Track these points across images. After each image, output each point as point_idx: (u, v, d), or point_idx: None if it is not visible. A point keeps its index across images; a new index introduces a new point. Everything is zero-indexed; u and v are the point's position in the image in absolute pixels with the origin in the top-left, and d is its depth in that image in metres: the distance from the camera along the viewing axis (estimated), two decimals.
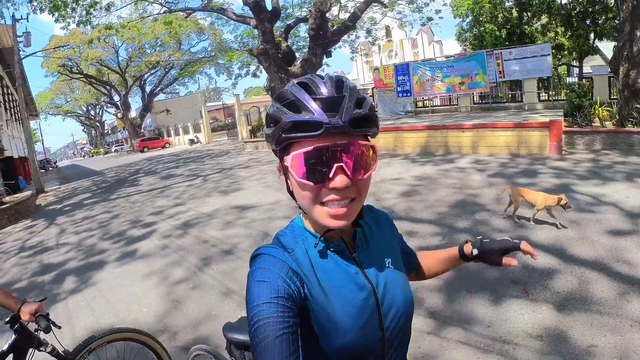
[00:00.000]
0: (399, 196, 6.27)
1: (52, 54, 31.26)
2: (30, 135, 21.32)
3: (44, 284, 5.66)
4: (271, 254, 0.87)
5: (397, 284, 0.97)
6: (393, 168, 8.48)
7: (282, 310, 0.78)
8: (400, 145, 10.64)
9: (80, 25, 18.12)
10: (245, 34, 25.39)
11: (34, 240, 8.81)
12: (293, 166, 0.80)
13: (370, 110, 0.84)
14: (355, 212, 0.86)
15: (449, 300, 3.13)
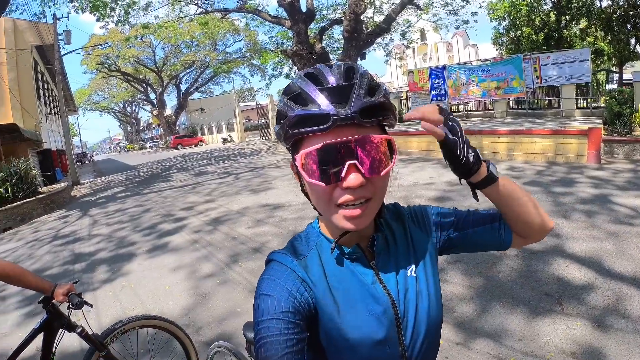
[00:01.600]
0: (430, 201, 6.20)
1: (92, 51, 32.36)
2: (68, 129, 22.16)
3: (74, 273, 5.89)
4: (281, 262, 0.84)
5: (423, 295, 0.88)
6: (426, 173, 8.38)
7: (288, 327, 0.75)
8: (434, 149, 10.49)
9: (119, 24, 18.74)
10: (279, 35, 25.62)
11: (67, 229, 9.16)
12: (303, 166, 0.75)
13: (384, 97, 0.76)
14: (373, 214, 0.79)
15: (480, 310, 3.06)
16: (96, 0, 15.85)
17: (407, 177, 8.19)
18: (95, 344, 2.22)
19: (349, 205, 0.74)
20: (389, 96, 0.79)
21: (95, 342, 2.21)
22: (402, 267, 0.89)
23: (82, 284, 5.17)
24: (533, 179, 6.94)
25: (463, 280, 3.55)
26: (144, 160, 29.89)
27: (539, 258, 3.80)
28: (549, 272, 3.50)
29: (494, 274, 3.56)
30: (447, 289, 3.43)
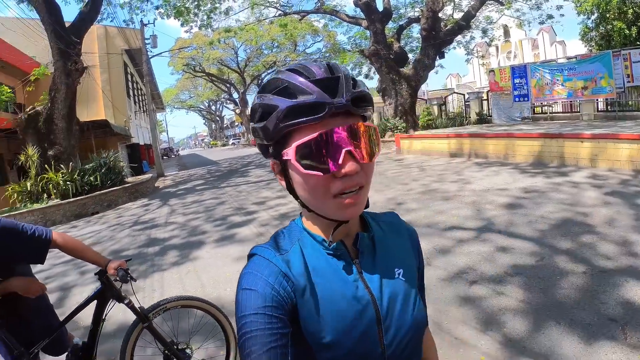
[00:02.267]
0: (501, 208, 5.79)
1: (177, 54, 34.46)
2: (154, 125, 23.81)
3: (147, 255, 6.37)
4: (263, 255, 0.83)
5: (407, 297, 0.87)
6: (500, 177, 7.88)
7: (271, 322, 0.75)
8: (512, 153, 9.85)
9: (202, 28, 19.79)
10: (357, 35, 25.63)
11: (147, 216, 9.88)
12: (296, 158, 0.74)
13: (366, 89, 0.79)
14: (364, 201, 0.80)
15: (533, 328, 2.77)
16: (180, 7, 16.91)
17: (480, 181, 7.76)
18: (139, 316, 2.46)
19: (346, 193, 0.75)
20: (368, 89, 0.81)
21: (140, 314, 2.46)
22: (388, 269, 0.88)
23: (153, 266, 5.69)
24: (616, 189, 6.21)
25: (520, 293, 3.25)
26: (225, 156, 31.34)
27: (608, 278, 3.36)
28: (618, 295, 3.08)
29: (555, 290, 3.21)
30: (501, 302, 3.17)
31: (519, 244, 4.32)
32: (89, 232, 9.30)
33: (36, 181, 12.24)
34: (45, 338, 2.32)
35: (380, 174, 10.38)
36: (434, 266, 4.10)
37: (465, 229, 5.10)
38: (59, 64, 12.55)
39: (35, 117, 12.87)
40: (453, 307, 3.24)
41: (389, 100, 17.87)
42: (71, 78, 12.73)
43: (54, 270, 6.10)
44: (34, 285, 2.27)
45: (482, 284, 3.53)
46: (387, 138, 16.86)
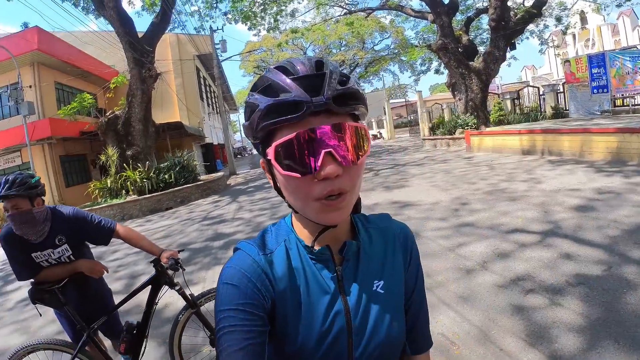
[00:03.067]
0: (571, 210, 5.30)
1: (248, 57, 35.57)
2: (227, 125, 24.81)
3: (212, 249, 6.69)
4: (248, 252, 0.82)
5: (383, 311, 0.84)
6: (573, 176, 7.23)
7: (249, 319, 0.74)
8: (588, 150, 8.99)
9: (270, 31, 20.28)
10: (424, 30, 24.96)
11: (216, 212, 10.34)
12: (276, 158, 0.71)
13: (355, 86, 0.74)
14: (350, 206, 0.76)
15: (587, 346, 2.48)
16: (247, 12, 17.49)
17: (551, 181, 7.19)
18: (189, 302, 2.63)
19: (327, 198, 0.72)
20: (360, 86, 0.77)
21: (189, 300, 2.63)
22: (369, 280, 0.86)
23: (216, 258, 6.02)
24: None
25: (579, 306, 2.93)
26: None
27: None
28: None
29: (619, 305, 2.84)
30: (556, 314, 2.89)
31: (585, 251, 3.92)
32: (162, 226, 9.92)
33: (116, 179, 13.29)
34: (104, 316, 2.59)
35: (447, 173, 10.02)
36: (490, 271, 3.86)
37: (528, 232, 4.75)
38: (134, 71, 13.51)
39: (114, 120, 13.96)
40: (504, 316, 3.01)
41: (458, 95, 17.16)
42: (146, 84, 13.66)
43: (126, 260, 6.59)
44: (98, 267, 2.59)
45: (538, 293, 3.25)
46: (457, 135, 16.21)
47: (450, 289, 3.64)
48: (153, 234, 9.16)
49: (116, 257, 7.06)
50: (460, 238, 4.97)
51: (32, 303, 2.51)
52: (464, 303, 3.33)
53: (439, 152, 15.77)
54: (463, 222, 5.60)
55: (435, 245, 4.86)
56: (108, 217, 11.60)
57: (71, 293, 2.58)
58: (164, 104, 20.36)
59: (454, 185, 8.31)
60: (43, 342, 2.56)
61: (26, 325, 4.57)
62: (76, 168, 19.09)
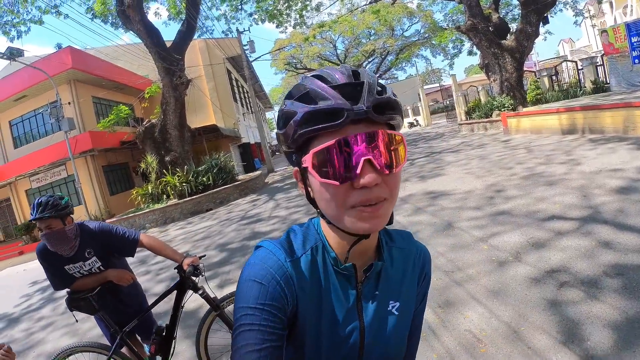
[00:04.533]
0: (612, 193, 5.00)
1: (278, 55, 35.74)
2: (261, 124, 25.12)
3: (248, 248, 6.85)
4: (274, 253, 0.81)
5: (394, 332, 0.87)
6: (616, 156, 6.82)
7: (271, 320, 0.73)
8: (632, 126, 8.40)
9: (296, 27, 20.34)
10: (452, 11, 24.26)
11: (253, 211, 10.55)
12: (313, 166, 0.71)
13: (393, 96, 0.75)
14: (388, 215, 0.75)
15: (623, 345, 2.34)
16: (272, 10, 17.65)
17: (591, 162, 6.82)
18: (212, 305, 2.75)
19: (365, 205, 0.71)
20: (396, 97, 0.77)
21: (212, 303, 2.74)
22: (385, 300, 0.87)
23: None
24: None
25: (616, 300, 2.77)
26: None
27: None
28: None
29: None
30: (591, 308, 2.75)
31: (626, 238, 3.69)
32: (202, 228, 10.22)
33: (156, 184, 13.79)
34: (135, 319, 2.77)
35: (483, 158, 9.74)
36: (524, 262, 3.73)
37: (566, 219, 4.53)
38: (166, 80, 13.92)
39: (151, 128, 14.46)
40: (535, 311, 2.90)
41: (493, 76, 16.58)
42: (178, 91, 14.05)
43: (166, 263, 6.86)
44: (125, 276, 2.77)
45: (573, 286, 3.10)
46: (494, 117, 15.68)
47: (481, 282, 3.55)
48: (193, 235, 9.46)
49: (157, 260, 7.36)
50: (494, 227, 4.82)
51: (69, 310, 2.73)
52: (494, 298, 3.24)
53: (476, 137, 15.34)
54: (498, 211, 5.43)
55: (468, 236, 4.75)
56: (152, 221, 12.09)
57: (104, 299, 2.77)
58: (198, 109, 20.85)
59: (489, 171, 8.06)
60: (81, 345, 2.77)
61: (75, 328, 4.89)
62: (119, 177, 19.98)
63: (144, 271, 6.92)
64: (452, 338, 2.84)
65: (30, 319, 6.08)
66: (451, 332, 2.92)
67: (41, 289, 7.88)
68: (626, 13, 32.66)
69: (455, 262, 4.11)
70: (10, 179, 18.35)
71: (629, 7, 32.87)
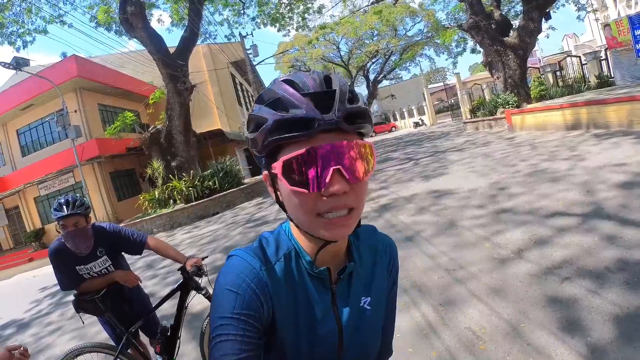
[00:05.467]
0: (615, 188, 4.97)
1: (282, 58, 35.87)
2: None
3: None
4: (249, 262, 0.80)
5: (369, 326, 0.90)
6: (620, 150, 6.76)
7: (247, 329, 0.73)
8: (636, 120, 8.30)
9: (299, 30, 20.38)
10: (454, 10, 24.21)
11: (259, 214, 10.59)
12: (283, 173, 0.71)
13: (364, 105, 0.75)
14: (355, 223, 0.76)
15: (624, 338, 2.34)
16: (274, 14, 17.73)
17: (595, 157, 6.78)
18: None
19: (333, 213, 0.72)
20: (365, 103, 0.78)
21: None
22: (358, 297, 0.89)
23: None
24: None
25: (620, 294, 2.76)
26: None
27: None
28: None
29: None
30: (593, 303, 2.75)
31: (629, 234, 3.67)
32: (208, 231, 10.28)
33: (163, 190, 13.88)
34: (140, 320, 2.84)
35: (487, 156, 9.72)
36: (525, 259, 3.73)
37: (569, 215, 4.52)
38: (170, 86, 14.03)
39: (156, 134, 14.57)
40: (536, 308, 2.90)
41: (496, 73, 16.52)
42: (182, 97, 14.14)
43: (174, 267, 6.89)
44: (131, 276, 2.84)
45: (575, 282, 3.10)
46: (499, 115, 15.63)
47: (483, 280, 3.56)
48: (200, 239, 9.52)
49: (164, 264, 7.41)
50: (497, 225, 4.83)
51: (76, 312, 2.80)
52: (495, 295, 3.25)
53: (481, 135, 15.29)
54: (501, 209, 5.43)
55: (471, 235, 4.76)
56: (159, 226, 12.17)
57: (110, 301, 2.83)
58: (203, 114, 20.96)
59: (493, 169, 8.05)
60: (88, 346, 2.82)
61: (83, 332, 4.94)
62: (126, 182, 20.15)
63: (151, 275, 6.98)
64: (452, 336, 2.85)
65: (39, 323, 6.17)
66: (451, 329, 2.93)
67: (50, 294, 7.97)
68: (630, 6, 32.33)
69: (457, 260, 4.12)
70: (19, 187, 18.60)
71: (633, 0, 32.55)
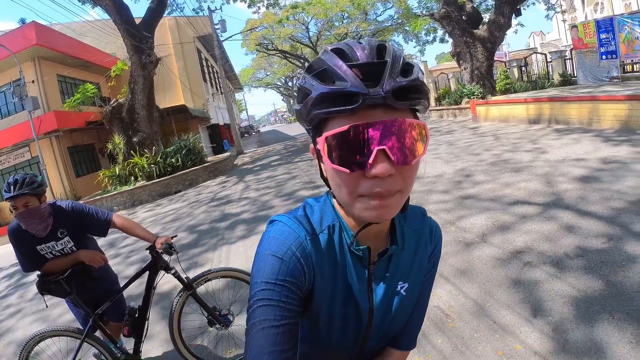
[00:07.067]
0: (575, 181, 5.21)
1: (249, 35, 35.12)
2: (231, 105, 24.71)
3: (219, 229, 6.84)
4: (294, 229, 0.78)
5: (400, 312, 0.90)
6: (580, 146, 7.08)
7: (290, 297, 0.72)
8: (596, 118, 8.72)
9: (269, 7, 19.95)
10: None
11: (223, 193, 10.48)
12: (325, 150, 0.68)
13: (419, 78, 0.68)
14: (399, 206, 0.72)
15: (583, 319, 2.50)
16: None
17: (556, 150, 7.07)
18: (185, 284, 2.76)
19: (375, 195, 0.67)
20: (423, 78, 0.71)
21: (185, 282, 2.75)
22: (395, 281, 0.87)
23: (222, 239, 6.18)
24: None
25: (577, 278, 2.94)
26: (302, 131, 31.95)
27: None
28: None
29: (619, 279, 2.81)
30: (553, 287, 2.90)
31: (586, 223, 3.88)
32: (171, 210, 10.07)
33: (124, 166, 13.44)
34: (108, 301, 2.73)
35: (451, 144, 9.95)
36: (489, 243, 3.88)
37: (530, 204, 4.72)
38: (134, 58, 13.47)
39: (118, 108, 14.02)
40: (501, 289, 3.04)
41: (464, 64, 16.85)
42: (147, 70, 13.62)
43: (137, 245, 6.77)
44: (97, 257, 2.71)
45: (536, 267, 3.26)
46: (463, 105, 16.00)
47: (449, 262, 3.68)
48: (162, 217, 9.32)
49: (127, 242, 7.23)
50: (462, 211, 4.98)
51: (40, 294, 2.64)
52: (462, 276, 3.37)
53: (445, 123, 15.63)
54: (465, 195, 5.60)
55: (437, 218, 4.87)
56: (120, 203, 11.81)
57: (76, 282, 2.72)
58: (167, 89, 20.33)
59: (457, 157, 8.26)
60: (50, 330, 2.69)
61: (46, 314, 4.75)
62: (85, 158, 19.32)
63: (113, 254, 6.77)
64: None
65: None
66: None
67: (7, 275, 7.59)
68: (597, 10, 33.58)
69: None
70: None
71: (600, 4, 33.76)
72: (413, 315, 0.97)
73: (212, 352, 3.12)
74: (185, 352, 2.81)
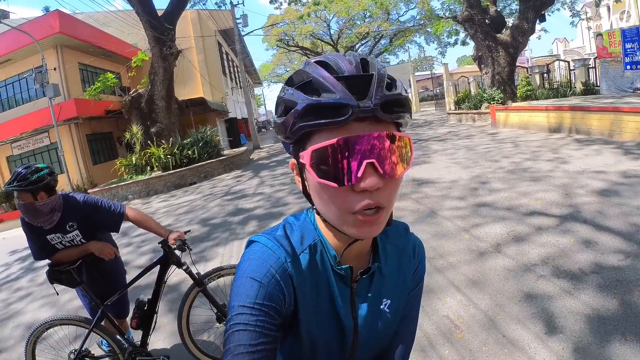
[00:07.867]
0: (593, 194, 5.09)
1: (270, 30, 35.18)
2: (249, 100, 24.83)
3: (231, 224, 6.84)
4: (273, 250, 0.76)
5: (385, 329, 0.88)
6: (600, 158, 6.90)
7: (266, 321, 0.70)
8: (618, 130, 8.52)
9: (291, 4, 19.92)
10: (449, 0, 24.10)
11: (237, 187, 10.50)
12: (311, 164, 0.66)
13: (403, 93, 0.68)
14: (385, 221, 0.71)
15: (595, 338, 2.43)
16: None
17: (576, 161, 6.91)
18: (195, 280, 2.74)
19: (364, 211, 0.66)
20: (406, 91, 0.71)
21: (196, 278, 2.74)
22: (379, 299, 0.86)
23: (234, 234, 6.16)
24: None
25: (591, 296, 2.87)
26: None
27: None
28: None
29: (634, 299, 2.74)
30: (566, 303, 2.84)
31: (604, 239, 3.79)
32: (185, 201, 10.15)
33: (140, 155, 13.58)
34: (117, 293, 2.75)
35: (470, 149, 9.82)
36: (503, 254, 3.81)
37: (547, 216, 4.63)
38: (155, 49, 13.60)
39: (137, 98, 14.16)
40: (512, 302, 2.99)
41: (485, 68, 16.63)
42: (167, 62, 13.74)
43: (149, 236, 6.82)
44: (107, 249, 2.71)
45: (550, 281, 3.19)
46: (483, 110, 15.78)
47: (461, 271, 3.63)
48: (176, 209, 9.39)
49: (140, 232, 7.29)
50: (477, 219, 4.90)
51: (50, 283, 2.68)
52: (473, 286, 3.32)
53: (464, 127, 15.46)
54: (481, 202, 5.51)
55: (451, 225, 4.82)
56: (135, 192, 11.91)
57: (86, 273, 2.75)
58: (187, 81, 20.48)
59: (475, 162, 8.15)
60: (60, 318, 2.71)
61: (55, 299, 4.80)
62: (103, 146, 19.62)
63: (125, 243, 6.85)
64: (430, 323, 2.91)
65: (8, 289, 5.93)
66: (430, 317, 2.98)
67: (20, 258, 7.73)
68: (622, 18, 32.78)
69: (437, 249, 4.18)
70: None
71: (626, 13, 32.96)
72: (401, 336, 0.95)
73: (218, 347, 3.13)
74: (192, 348, 2.82)
